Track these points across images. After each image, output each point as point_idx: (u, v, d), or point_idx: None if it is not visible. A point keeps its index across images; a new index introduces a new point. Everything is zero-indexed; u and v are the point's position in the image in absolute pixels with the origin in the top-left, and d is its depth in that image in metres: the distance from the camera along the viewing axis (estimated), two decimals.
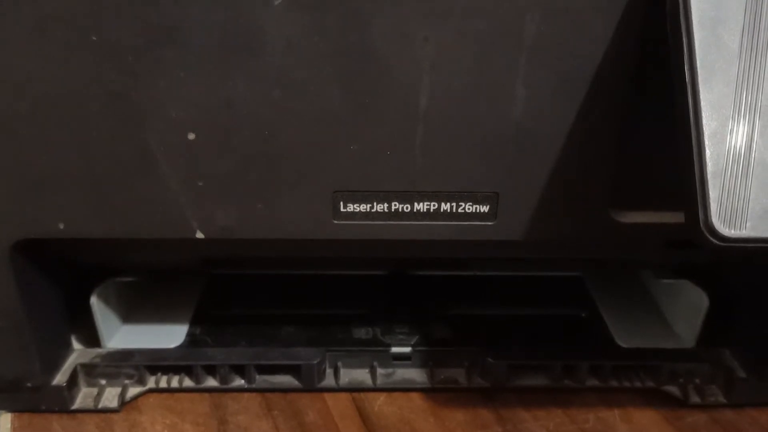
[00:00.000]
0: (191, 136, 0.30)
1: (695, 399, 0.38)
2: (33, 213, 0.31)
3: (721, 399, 0.38)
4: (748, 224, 0.24)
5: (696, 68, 0.25)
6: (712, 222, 0.24)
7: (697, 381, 0.39)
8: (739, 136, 0.24)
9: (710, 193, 0.24)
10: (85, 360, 0.38)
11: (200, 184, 0.31)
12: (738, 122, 0.24)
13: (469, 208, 0.32)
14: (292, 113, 0.29)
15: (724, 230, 0.24)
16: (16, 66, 0.28)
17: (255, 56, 0.28)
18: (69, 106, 0.29)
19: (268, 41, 0.28)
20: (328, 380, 0.39)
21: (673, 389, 0.39)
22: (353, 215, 0.32)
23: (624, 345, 0.41)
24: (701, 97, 0.24)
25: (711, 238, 0.24)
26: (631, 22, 0.28)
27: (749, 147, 0.24)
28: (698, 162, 0.24)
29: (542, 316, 0.44)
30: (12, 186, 0.30)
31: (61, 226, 0.31)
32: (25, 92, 0.28)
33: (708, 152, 0.24)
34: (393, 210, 0.32)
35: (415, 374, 0.39)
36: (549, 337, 0.42)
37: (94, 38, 0.27)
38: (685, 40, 0.25)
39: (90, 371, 0.38)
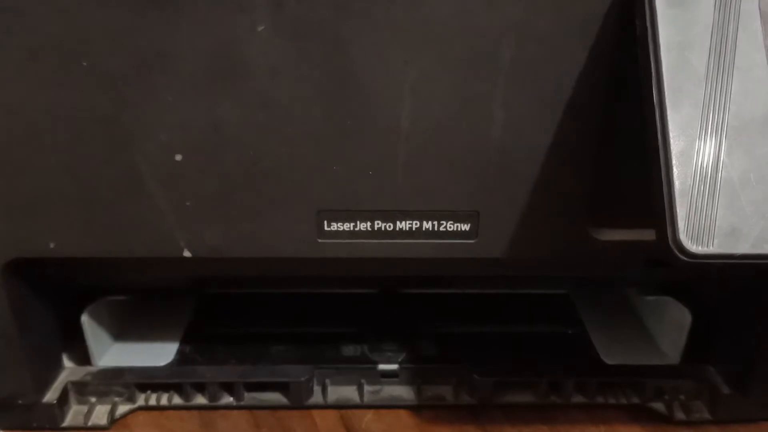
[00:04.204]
0: (179, 158, 0.30)
1: (680, 415, 0.39)
2: (25, 233, 0.32)
3: (706, 415, 0.39)
4: (715, 241, 0.24)
5: (663, 90, 0.25)
6: (680, 239, 0.24)
7: (682, 397, 0.39)
8: (706, 155, 0.25)
9: (678, 211, 0.24)
10: (75, 378, 0.38)
11: (187, 204, 0.31)
12: (705, 142, 0.25)
13: (450, 227, 0.33)
14: (277, 135, 0.30)
15: (692, 247, 0.24)
16: (8, 90, 0.29)
17: (240, 81, 0.29)
18: (60, 128, 0.30)
19: (253, 66, 0.29)
20: (316, 397, 0.39)
21: (659, 405, 0.39)
22: (337, 234, 0.33)
23: (609, 361, 0.42)
24: (669, 118, 0.25)
25: (679, 255, 0.25)
26: (604, 47, 0.29)
27: (716, 166, 0.25)
28: (666, 181, 0.25)
29: (528, 333, 0.44)
30: (4, 206, 0.31)
31: (52, 246, 0.32)
32: (17, 115, 0.29)
33: (675, 171, 0.25)
34: (376, 229, 0.33)
35: (402, 391, 0.40)
36: (535, 354, 0.42)
37: (85, 64, 0.28)
38: (653, 63, 0.26)
39: (80, 389, 0.38)
